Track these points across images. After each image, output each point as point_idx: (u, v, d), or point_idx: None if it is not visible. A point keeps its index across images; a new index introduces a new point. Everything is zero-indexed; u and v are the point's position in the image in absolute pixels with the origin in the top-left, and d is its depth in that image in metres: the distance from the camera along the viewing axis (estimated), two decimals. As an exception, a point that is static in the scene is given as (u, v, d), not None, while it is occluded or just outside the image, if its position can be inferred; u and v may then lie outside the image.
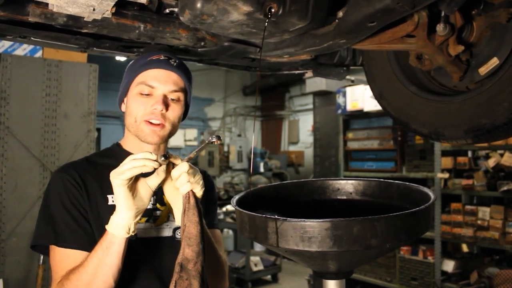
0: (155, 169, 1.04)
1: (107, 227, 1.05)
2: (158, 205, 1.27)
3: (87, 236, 1.13)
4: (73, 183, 1.18)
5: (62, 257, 1.12)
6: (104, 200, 1.19)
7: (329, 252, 0.75)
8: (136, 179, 1.05)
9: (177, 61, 1.27)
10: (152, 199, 1.25)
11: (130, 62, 1.32)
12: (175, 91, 1.24)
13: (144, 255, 1.20)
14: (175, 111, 1.24)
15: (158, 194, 1.27)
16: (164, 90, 1.22)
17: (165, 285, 1.21)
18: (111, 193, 1.07)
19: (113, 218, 1.04)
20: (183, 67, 1.28)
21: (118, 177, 1.00)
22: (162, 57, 1.25)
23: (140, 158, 1.00)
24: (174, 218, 1.27)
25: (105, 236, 1.05)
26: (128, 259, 1.11)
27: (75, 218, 1.15)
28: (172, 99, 1.24)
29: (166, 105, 1.22)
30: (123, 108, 1.31)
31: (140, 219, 1.20)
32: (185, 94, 1.28)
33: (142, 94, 1.22)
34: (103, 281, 1.04)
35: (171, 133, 1.27)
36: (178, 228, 1.27)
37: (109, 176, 1.03)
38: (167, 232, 1.26)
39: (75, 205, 1.16)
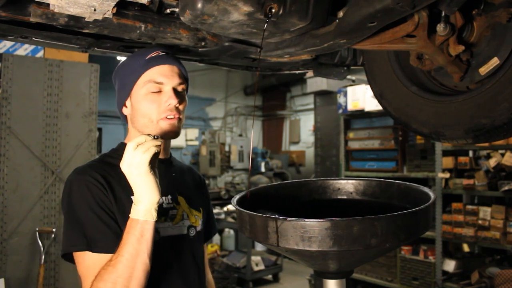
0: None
1: (135, 216, 1.03)
2: (174, 204, 1.29)
3: (118, 239, 1.07)
4: (97, 186, 1.14)
5: (95, 263, 1.07)
6: (129, 201, 1.13)
7: (329, 251, 0.75)
8: None
9: (171, 54, 1.30)
10: (168, 199, 1.28)
11: (122, 64, 1.30)
12: (181, 83, 1.27)
13: (166, 253, 1.21)
14: (183, 102, 1.28)
15: (174, 193, 1.30)
16: (172, 84, 1.24)
17: (187, 282, 1.24)
18: (133, 194, 1.06)
19: (138, 208, 1.03)
20: (177, 58, 1.31)
21: (142, 166, 1.00)
22: (161, 53, 1.26)
23: (141, 142, 1.02)
24: (187, 217, 1.30)
25: (135, 225, 1.03)
26: (153, 257, 1.10)
27: (105, 222, 1.11)
28: (179, 91, 1.27)
29: (179, 98, 1.24)
30: (125, 111, 1.29)
31: (161, 218, 1.21)
32: (187, 84, 1.31)
33: (152, 92, 1.22)
34: (143, 270, 1.03)
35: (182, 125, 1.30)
36: (191, 226, 1.30)
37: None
38: (183, 230, 1.28)
39: (103, 208, 1.12)
